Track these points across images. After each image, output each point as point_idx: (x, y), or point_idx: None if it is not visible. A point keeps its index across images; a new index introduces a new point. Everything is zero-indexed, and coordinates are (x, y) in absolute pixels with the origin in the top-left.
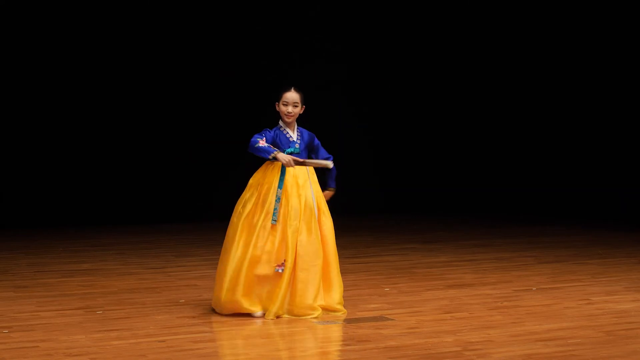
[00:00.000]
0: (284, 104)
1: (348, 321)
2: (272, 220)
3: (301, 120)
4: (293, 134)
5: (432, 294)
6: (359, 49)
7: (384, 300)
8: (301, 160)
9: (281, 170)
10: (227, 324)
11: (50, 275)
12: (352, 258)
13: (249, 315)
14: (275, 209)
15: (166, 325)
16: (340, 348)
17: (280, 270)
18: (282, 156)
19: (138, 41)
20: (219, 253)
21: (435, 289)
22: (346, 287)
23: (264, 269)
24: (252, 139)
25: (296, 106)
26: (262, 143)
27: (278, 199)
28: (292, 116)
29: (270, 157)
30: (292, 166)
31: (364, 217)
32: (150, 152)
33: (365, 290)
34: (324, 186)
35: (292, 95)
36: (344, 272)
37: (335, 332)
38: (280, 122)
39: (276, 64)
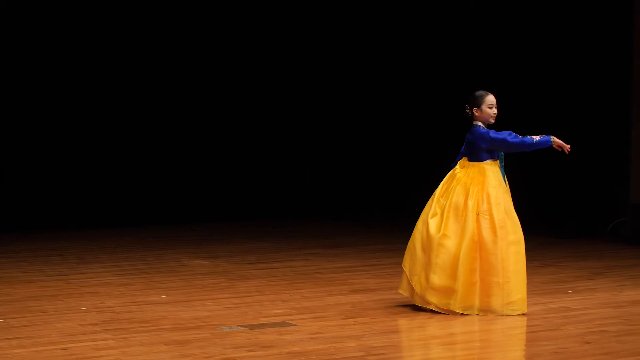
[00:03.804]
0: (489, 107)
1: (251, 327)
2: None
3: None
4: None
5: (336, 299)
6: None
7: (287, 306)
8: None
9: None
10: (129, 331)
11: None
12: (256, 264)
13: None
14: None
15: (68, 332)
16: (244, 354)
17: None
18: (560, 141)
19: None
20: (122, 260)
21: (338, 294)
22: (249, 293)
23: None
24: (524, 138)
25: (496, 107)
26: (536, 136)
27: None
28: (495, 117)
29: (551, 143)
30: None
31: (268, 221)
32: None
33: (268, 295)
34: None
35: (494, 98)
36: (246, 277)
37: (239, 337)
38: (480, 124)
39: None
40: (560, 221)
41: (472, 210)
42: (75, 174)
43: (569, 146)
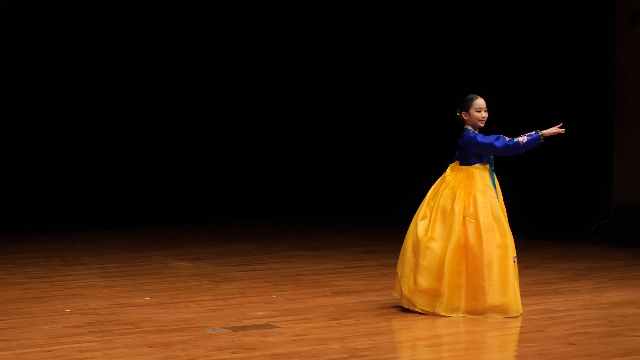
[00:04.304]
0: (477, 111)
1: (235, 329)
2: None
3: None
4: None
5: (319, 301)
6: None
7: (271, 308)
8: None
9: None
10: (113, 333)
11: None
12: (239, 265)
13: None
14: None
15: (52, 335)
16: (227, 356)
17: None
18: (549, 130)
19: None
20: (106, 262)
21: (322, 296)
22: (232, 295)
23: None
24: (509, 143)
25: (486, 111)
26: (523, 138)
27: None
28: (485, 121)
29: (541, 140)
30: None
31: (249, 222)
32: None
33: (251, 297)
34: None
35: (483, 102)
36: (230, 279)
37: (222, 339)
38: (470, 128)
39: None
40: (544, 223)
41: (459, 214)
42: (60, 176)
43: (560, 125)
